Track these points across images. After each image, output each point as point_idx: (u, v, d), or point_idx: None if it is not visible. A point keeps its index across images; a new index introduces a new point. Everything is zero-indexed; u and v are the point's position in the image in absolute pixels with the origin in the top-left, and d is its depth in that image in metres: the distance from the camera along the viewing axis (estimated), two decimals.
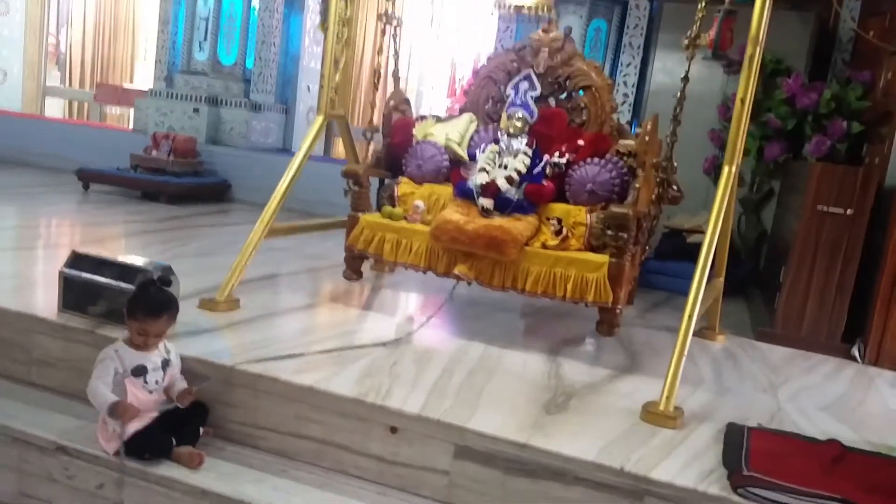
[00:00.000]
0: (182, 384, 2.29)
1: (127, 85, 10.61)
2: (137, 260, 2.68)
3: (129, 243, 4.47)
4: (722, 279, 3.50)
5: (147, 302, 2.24)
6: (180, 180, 6.10)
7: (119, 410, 2.12)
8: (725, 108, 5.00)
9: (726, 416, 2.53)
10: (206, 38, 7.14)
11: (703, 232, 3.39)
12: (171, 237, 4.72)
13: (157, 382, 2.22)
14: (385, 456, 2.29)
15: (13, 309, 2.72)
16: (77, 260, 2.66)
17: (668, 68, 5.77)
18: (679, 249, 4.80)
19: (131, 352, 2.21)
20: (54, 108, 10.35)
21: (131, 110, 8.30)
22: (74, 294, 2.64)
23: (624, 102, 6.18)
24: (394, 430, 2.27)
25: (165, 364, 2.25)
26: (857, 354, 3.54)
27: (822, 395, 2.99)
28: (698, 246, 2.75)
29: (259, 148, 7.05)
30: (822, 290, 3.58)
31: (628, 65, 6.20)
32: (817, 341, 3.61)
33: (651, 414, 2.41)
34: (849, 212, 3.48)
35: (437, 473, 2.24)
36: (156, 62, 7.44)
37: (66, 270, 2.64)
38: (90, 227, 4.86)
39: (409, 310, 3.79)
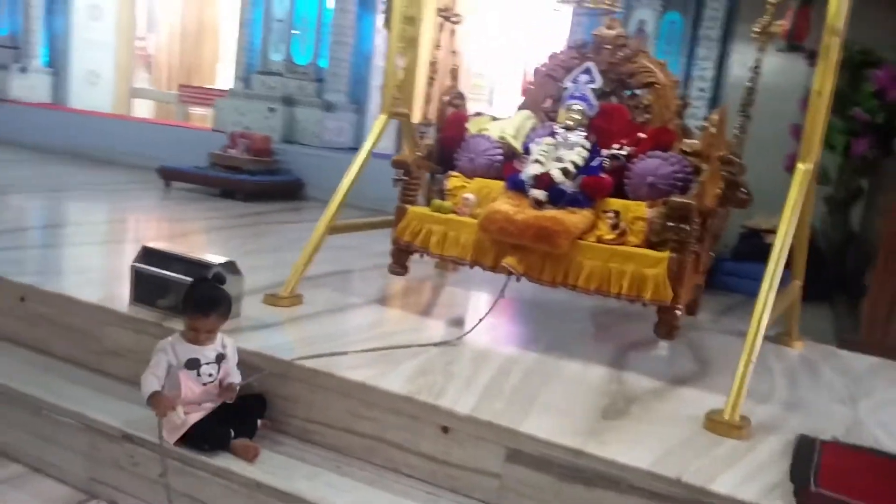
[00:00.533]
0: (236, 378, 2.32)
1: (209, 86, 10.96)
2: (204, 255, 2.75)
3: (205, 239, 4.62)
4: (799, 282, 3.32)
5: (197, 300, 2.29)
6: (256, 178, 6.25)
7: (154, 401, 2.18)
8: (807, 102, 4.76)
9: (798, 427, 2.40)
10: (281, 39, 7.31)
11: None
12: (246, 233, 4.85)
13: (210, 375, 2.26)
14: (436, 456, 2.27)
15: (89, 301, 2.84)
16: (147, 254, 2.75)
17: (747, 62, 5.49)
18: (757, 250, 4.59)
19: (186, 345, 2.26)
20: (143, 110, 10.82)
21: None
22: (144, 287, 2.72)
23: (700, 98, 5.97)
24: (445, 429, 2.25)
25: (220, 358, 2.28)
26: None
27: None
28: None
29: (332, 147, 7.15)
30: None
31: (705, 58, 5.96)
32: None
33: (715, 423, 2.30)
34: None
35: (489, 476, 2.20)
36: (235, 63, 7.65)
37: (137, 265, 2.73)
38: (168, 222, 5.05)
39: (470, 309, 3.75)
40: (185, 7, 12.02)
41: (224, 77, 11.61)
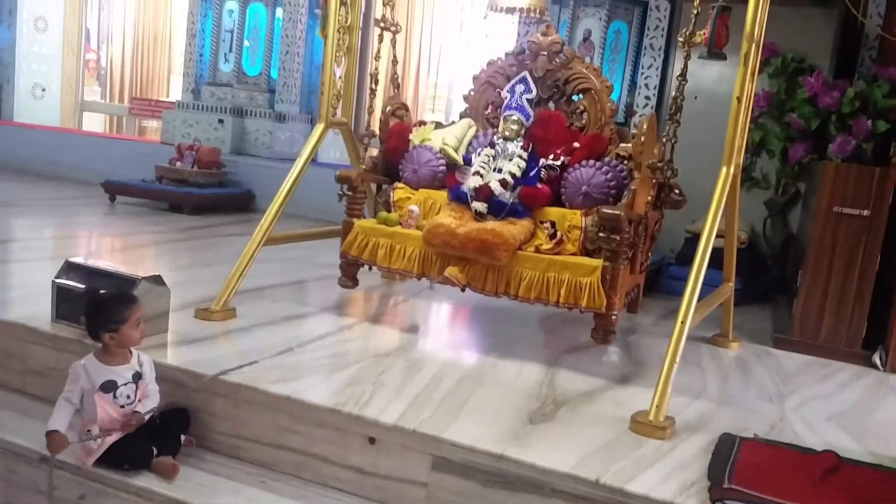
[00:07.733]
0: (154, 396, 2.27)
1: (161, 98, 10.82)
2: (128, 270, 2.70)
3: (142, 253, 4.53)
4: (731, 284, 3.38)
5: (118, 299, 2.27)
6: (203, 191, 6.16)
7: (49, 439, 2.13)
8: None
9: (723, 426, 2.43)
10: (231, 50, 7.25)
11: (723, 236, 3.30)
12: (188, 247, 4.77)
13: (128, 397, 2.19)
14: (364, 467, 2.25)
15: (11, 319, 2.75)
16: (70, 269, 2.68)
17: (689, 70, 5.61)
18: None
19: (101, 366, 2.18)
20: (94, 123, 10.63)
21: None
22: (67, 304, 2.65)
23: (646, 105, 6.06)
24: (372, 440, 2.24)
25: (137, 377, 2.22)
26: (878, 362, 3.38)
27: (833, 405, 2.86)
28: (720, 251, 2.68)
29: (283, 158, 7.08)
30: (840, 294, 3.44)
31: (649, 67, 6.06)
32: (836, 348, 3.47)
33: (639, 424, 2.33)
34: (865, 213, 3.34)
35: (416, 485, 2.19)
36: (183, 75, 7.57)
37: (59, 280, 2.67)
38: (107, 237, 4.95)
39: (411, 318, 3.74)
40: (139, 18, 11.87)
41: (178, 89, 11.49)
